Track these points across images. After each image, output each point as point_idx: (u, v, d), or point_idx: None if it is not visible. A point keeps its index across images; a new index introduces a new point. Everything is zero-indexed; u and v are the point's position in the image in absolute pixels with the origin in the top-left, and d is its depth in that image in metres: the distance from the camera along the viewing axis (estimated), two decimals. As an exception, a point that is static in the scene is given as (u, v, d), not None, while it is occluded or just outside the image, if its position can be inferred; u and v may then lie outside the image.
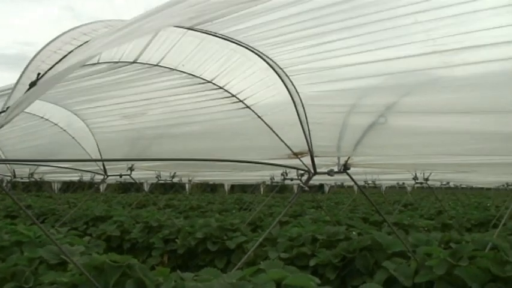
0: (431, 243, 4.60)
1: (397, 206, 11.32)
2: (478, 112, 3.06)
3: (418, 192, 18.66)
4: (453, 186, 13.44)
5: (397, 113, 3.25)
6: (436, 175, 8.41)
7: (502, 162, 4.98)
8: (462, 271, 3.60)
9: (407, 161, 5.02)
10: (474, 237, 5.21)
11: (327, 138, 3.58)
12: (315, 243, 4.72)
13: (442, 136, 3.54)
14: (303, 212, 10.15)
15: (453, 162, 5.09)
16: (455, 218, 9.25)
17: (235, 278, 2.71)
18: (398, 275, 3.74)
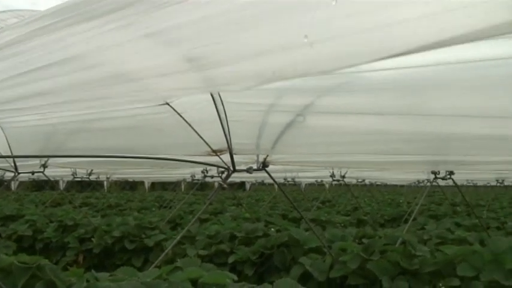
0: (347, 239, 4.77)
1: (315, 202, 11.60)
2: (390, 114, 3.22)
3: (336, 189, 19.21)
4: (368, 184, 13.96)
5: (315, 113, 3.33)
6: (352, 173, 8.70)
7: (410, 161, 5.23)
8: (374, 265, 3.75)
9: (324, 159, 5.17)
10: (386, 233, 5.46)
11: (246, 136, 3.61)
12: (234, 241, 4.75)
13: (357, 136, 3.68)
14: (223, 209, 10.19)
15: (367, 160, 5.29)
16: (370, 214, 9.63)
17: (151, 277, 2.68)
18: (313, 271, 3.85)
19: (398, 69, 2.61)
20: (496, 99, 2.82)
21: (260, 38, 1.53)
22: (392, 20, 1.27)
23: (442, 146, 4.28)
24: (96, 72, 2.09)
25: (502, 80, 2.59)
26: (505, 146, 3.79)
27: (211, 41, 1.60)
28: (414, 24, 1.27)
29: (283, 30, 1.46)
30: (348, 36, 1.41)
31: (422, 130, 3.50)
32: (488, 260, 3.73)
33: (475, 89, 2.76)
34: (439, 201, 13.42)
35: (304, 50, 1.48)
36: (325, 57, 1.58)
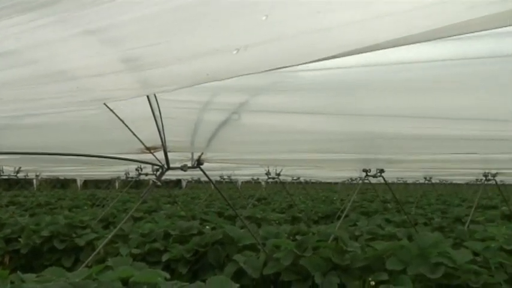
0: (281, 236, 4.83)
1: (251, 200, 11.67)
2: (323, 113, 3.28)
3: (272, 187, 19.41)
4: (304, 181, 14.18)
5: (250, 111, 3.35)
6: (287, 171, 8.81)
7: (343, 159, 5.35)
8: (306, 261, 3.82)
9: (259, 157, 5.21)
10: (320, 229, 5.57)
11: (180, 133, 3.58)
12: (168, 239, 4.71)
13: (291, 134, 3.73)
14: (158, 207, 10.07)
15: (302, 159, 5.37)
16: (304, 211, 9.80)
17: (80, 277, 2.60)
18: (247, 268, 3.87)
19: (331, 69, 2.65)
20: (422, 100, 2.93)
21: (195, 41, 1.53)
22: (324, 24, 1.30)
23: (373, 145, 4.41)
24: (29, 70, 2.00)
25: (427, 82, 2.69)
26: (432, 145, 3.95)
27: (148, 42, 1.58)
28: (344, 29, 1.30)
29: (218, 33, 1.46)
30: (280, 40, 1.43)
31: (354, 130, 3.59)
32: (415, 255, 3.88)
33: (403, 91, 2.85)
34: (371, 199, 13.84)
35: (238, 52, 1.49)
36: (257, 60, 1.59)
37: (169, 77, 1.87)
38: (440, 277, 3.58)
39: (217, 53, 1.57)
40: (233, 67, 1.66)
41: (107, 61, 1.79)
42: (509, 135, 3.20)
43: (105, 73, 1.89)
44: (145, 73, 1.83)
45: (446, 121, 3.14)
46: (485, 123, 3.07)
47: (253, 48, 1.46)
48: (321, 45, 1.43)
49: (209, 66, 1.70)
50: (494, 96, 2.75)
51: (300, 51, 1.50)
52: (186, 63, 1.70)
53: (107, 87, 2.08)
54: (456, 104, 2.92)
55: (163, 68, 1.77)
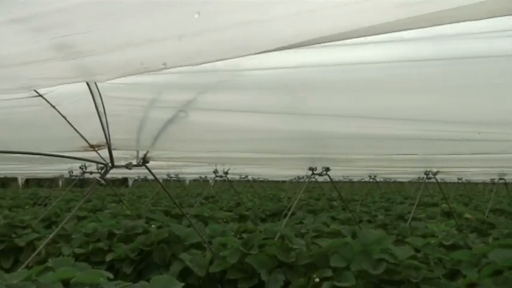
0: (227, 234, 4.83)
1: (199, 198, 11.61)
2: (270, 112, 3.31)
3: (220, 185, 19.36)
4: (251, 180, 14.23)
5: (197, 109, 3.33)
6: (235, 169, 8.82)
7: (290, 158, 5.42)
8: (252, 259, 3.84)
9: (206, 155, 5.20)
10: (266, 227, 5.60)
11: (126, 131, 3.52)
12: (112, 238, 4.63)
13: (238, 133, 3.74)
14: (103, 206, 9.87)
15: (249, 157, 5.40)
16: (251, 210, 9.84)
17: (19, 279, 2.52)
18: (193, 266, 3.86)
19: (279, 69, 2.68)
20: (367, 100, 2.99)
21: (130, 29, 1.50)
22: (258, 17, 1.30)
23: (319, 144, 4.48)
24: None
25: (372, 83, 2.75)
26: (376, 144, 4.05)
27: (81, 29, 1.54)
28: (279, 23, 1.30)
29: (153, 22, 1.44)
30: (216, 32, 1.42)
31: (301, 129, 3.64)
32: (358, 251, 3.97)
33: (349, 91, 2.91)
34: (317, 197, 14.03)
35: (173, 43, 1.48)
36: (193, 51, 1.58)
37: (103, 66, 1.84)
38: (382, 273, 3.68)
39: (152, 43, 1.55)
40: (168, 58, 1.64)
41: (37, 48, 1.74)
42: (449, 135, 3.32)
43: (34, 60, 1.84)
44: (76, 61, 1.78)
45: (390, 121, 3.23)
46: (428, 123, 3.17)
47: (189, 39, 1.44)
48: (256, 38, 1.44)
49: (143, 56, 1.68)
50: (436, 98, 2.84)
51: (236, 44, 1.50)
52: (119, 51, 1.67)
53: (37, 74, 2.02)
54: (400, 105, 3.00)
55: (96, 56, 1.73)
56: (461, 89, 2.67)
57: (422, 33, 2.00)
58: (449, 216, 8.40)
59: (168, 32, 1.46)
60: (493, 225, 7.51)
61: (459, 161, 5.74)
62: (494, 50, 2.18)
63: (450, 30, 1.99)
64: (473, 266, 4.01)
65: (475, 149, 3.75)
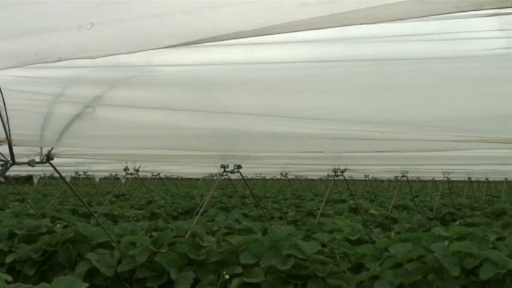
0: (137, 233, 4.74)
1: (109, 196, 11.30)
2: (183, 110, 3.28)
3: (132, 183, 18.96)
4: (164, 177, 14.06)
5: (105, 105, 3.24)
6: (147, 166, 8.67)
7: (202, 155, 5.41)
8: (162, 257, 3.80)
9: (115, 152, 5.07)
10: (178, 225, 5.57)
11: (29, 126, 3.36)
12: (13, 239, 4.40)
13: (149, 130, 3.68)
14: (5, 205, 9.36)
15: (160, 154, 5.33)
16: (163, 207, 9.71)
17: None
18: (101, 266, 3.75)
19: (191, 65, 2.66)
20: (278, 99, 3.05)
21: (22, 17, 1.42)
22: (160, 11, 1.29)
23: (231, 142, 4.51)
24: None
25: (283, 82, 2.80)
26: (286, 142, 4.14)
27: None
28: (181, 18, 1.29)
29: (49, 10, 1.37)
30: (116, 24, 1.38)
31: (213, 126, 3.64)
32: (268, 248, 4.04)
33: (260, 89, 2.95)
34: (230, 194, 14.11)
35: (70, 34, 1.42)
36: (92, 44, 1.53)
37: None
38: (291, 268, 3.77)
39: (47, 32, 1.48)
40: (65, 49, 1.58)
41: None
42: (354, 134, 3.45)
43: None
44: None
45: (299, 120, 3.30)
46: (334, 123, 3.28)
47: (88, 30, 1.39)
48: (158, 33, 1.42)
49: (38, 46, 1.60)
50: (343, 98, 2.95)
51: (138, 38, 1.47)
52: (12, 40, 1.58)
53: None
54: (309, 104, 3.09)
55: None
56: (366, 90, 2.78)
57: (334, 34, 2.07)
58: (356, 212, 8.74)
59: (66, 22, 1.39)
60: (396, 220, 7.91)
61: (364, 159, 6.00)
62: (401, 53, 2.30)
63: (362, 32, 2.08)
64: (376, 259, 4.21)
65: (378, 147, 3.93)
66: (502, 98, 2.67)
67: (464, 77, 2.47)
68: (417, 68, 2.43)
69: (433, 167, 8.46)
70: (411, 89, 2.65)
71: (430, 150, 4.24)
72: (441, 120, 3.03)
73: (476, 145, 3.44)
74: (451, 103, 2.80)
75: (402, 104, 2.85)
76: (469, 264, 3.66)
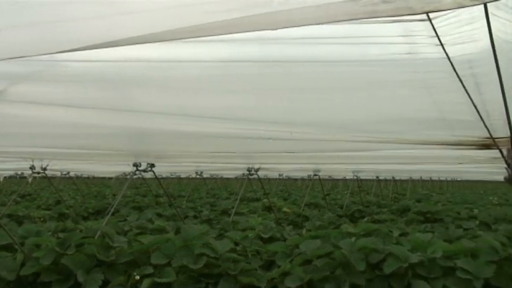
0: (43, 234, 4.55)
1: (13, 196, 10.74)
2: (93, 107, 3.19)
3: (40, 183, 18.14)
4: (74, 176, 13.57)
5: (7, 101, 3.08)
6: (56, 165, 8.33)
7: (114, 153, 5.28)
8: (68, 259, 3.67)
9: (21, 150, 4.84)
10: (87, 226, 5.39)
11: None
12: None
13: (58, 128, 3.55)
14: None
15: (68, 152, 5.15)
16: (73, 207, 9.37)
17: None
18: (1, 270, 3.57)
19: (100, 62, 2.59)
20: (190, 98, 3.03)
21: None
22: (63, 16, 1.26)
23: (143, 140, 4.44)
24: None
25: (195, 81, 2.79)
26: (198, 141, 4.13)
27: None
28: (88, 22, 1.27)
29: None
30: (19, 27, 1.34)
31: (124, 124, 3.57)
32: (179, 247, 4.01)
33: (172, 88, 2.92)
34: (144, 193, 13.87)
35: None
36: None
37: None
38: (203, 267, 3.77)
39: None
40: None
41: None
42: (265, 134, 3.51)
43: None
44: None
45: (211, 120, 3.31)
46: (246, 123, 3.31)
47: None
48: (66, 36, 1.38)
49: None
50: (255, 98, 2.99)
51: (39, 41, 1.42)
52: None
53: None
54: (222, 104, 3.10)
55: None
56: (276, 91, 2.84)
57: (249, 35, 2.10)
58: (269, 210, 8.87)
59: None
60: (308, 218, 8.12)
61: (277, 158, 6.11)
62: (310, 55, 2.36)
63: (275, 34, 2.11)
64: (287, 256, 4.30)
65: (289, 147, 4.03)
66: (404, 101, 2.82)
67: (368, 80, 2.58)
68: (325, 71, 2.51)
69: (344, 166, 8.76)
70: (319, 90, 2.73)
71: (337, 150, 4.40)
72: (347, 121, 3.15)
73: (378, 145, 3.61)
74: (356, 105, 2.92)
75: (310, 105, 2.93)
76: (374, 259, 3.83)
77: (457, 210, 8.98)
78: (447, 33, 1.97)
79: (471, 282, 3.46)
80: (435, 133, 3.07)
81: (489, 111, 2.56)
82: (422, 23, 1.90)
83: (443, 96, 2.51)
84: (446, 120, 2.81)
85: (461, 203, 11.38)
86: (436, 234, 5.35)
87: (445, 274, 3.67)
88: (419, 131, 3.19)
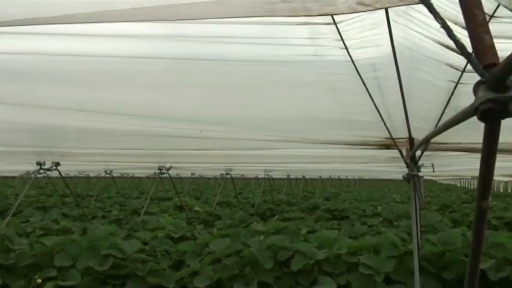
0: None
1: None
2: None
3: None
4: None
5: None
6: None
7: (15, 151, 5.03)
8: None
9: None
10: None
11: None
12: None
13: None
14: None
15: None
16: (-30, 208, 8.81)
17: None
18: None
19: (4, 54, 2.44)
20: (98, 93, 2.93)
21: None
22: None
23: (47, 137, 4.24)
24: None
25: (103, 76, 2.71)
26: (106, 139, 4.01)
27: None
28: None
29: None
30: None
31: (26, 120, 3.40)
32: (86, 248, 3.88)
33: (80, 83, 2.81)
34: (50, 193, 13.29)
35: None
36: None
37: None
38: (109, 268, 3.66)
39: None
40: None
41: None
42: (175, 132, 3.47)
43: None
44: None
45: (121, 116, 3.23)
46: (157, 120, 3.26)
47: None
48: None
49: None
50: (165, 95, 2.94)
51: None
52: None
53: None
54: (131, 101, 3.02)
55: None
56: (191, 89, 2.80)
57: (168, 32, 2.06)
58: (181, 209, 8.81)
59: None
60: (219, 217, 8.13)
61: (189, 157, 6.06)
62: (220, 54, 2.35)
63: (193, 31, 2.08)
64: (197, 255, 4.28)
65: (199, 145, 4.00)
66: (311, 102, 2.89)
67: (279, 80, 2.62)
68: (239, 70, 2.52)
69: (256, 165, 8.86)
70: (232, 89, 2.74)
71: (248, 149, 4.44)
72: (258, 120, 3.18)
73: (288, 144, 3.69)
74: (266, 105, 2.95)
75: (223, 103, 2.93)
76: (282, 257, 3.91)
77: (363, 208, 9.38)
78: (352, 37, 2.04)
79: (373, 277, 3.61)
80: (340, 133, 3.17)
81: (390, 112, 2.69)
82: (329, 26, 1.95)
83: (348, 97, 2.60)
84: (350, 121, 2.91)
85: (367, 201, 11.89)
86: (342, 231, 5.55)
87: (349, 270, 3.80)
88: (326, 131, 3.29)
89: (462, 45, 0.60)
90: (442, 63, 2.07)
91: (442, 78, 2.25)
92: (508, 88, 0.55)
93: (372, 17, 1.87)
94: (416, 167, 2.96)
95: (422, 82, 2.39)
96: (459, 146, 2.98)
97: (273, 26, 2.01)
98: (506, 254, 3.63)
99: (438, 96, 2.45)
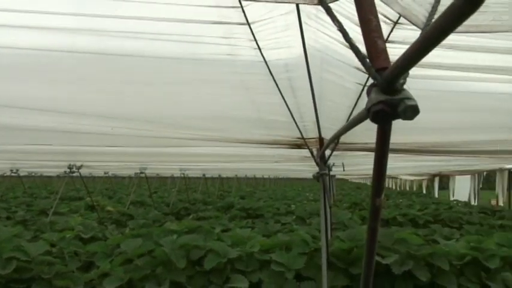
0: None
1: None
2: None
3: None
4: None
5: None
6: None
7: None
8: None
9: None
10: None
11: None
12: None
13: None
14: None
15: None
16: None
17: None
18: None
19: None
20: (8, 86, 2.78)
21: None
22: None
23: None
24: None
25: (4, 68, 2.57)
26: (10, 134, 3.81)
27: None
28: None
29: None
30: None
31: None
32: (-16, 251, 3.66)
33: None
34: None
35: None
36: None
37: None
38: (12, 272, 3.48)
39: None
40: None
41: None
42: (86, 129, 3.35)
43: None
44: None
45: (24, 111, 3.08)
46: (65, 116, 3.14)
47: None
48: None
49: None
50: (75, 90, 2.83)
51: None
52: None
53: None
54: (38, 95, 2.89)
55: None
56: (104, 84, 2.72)
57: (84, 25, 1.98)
58: (93, 209, 8.54)
59: None
60: (132, 216, 7.97)
61: (101, 155, 5.89)
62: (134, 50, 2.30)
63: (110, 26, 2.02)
64: (108, 256, 4.16)
65: (111, 142, 3.90)
66: (226, 100, 2.90)
67: (195, 78, 2.61)
68: (156, 66, 2.48)
69: (171, 164, 8.76)
70: (142, 85, 2.69)
71: (163, 146, 4.38)
72: (173, 117, 3.15)
73: (203, 142, 3.67)
74: (182, 102, 2.93)
75: (132, 99, 2.87)
76: (195, 256, 3.89)
77: (277, 206, 9.54)
78: (265, 38, 2.07)
79: (284, 274, 3.68)
80: (255, 132, 3.21)
81: (302, 113, 2.75)
82: (243, 26, 1.97)
83: (261, 97, 2.63)
84: (264, 120, 2.95)
85: (281, 199, 12.12)
86: (256, 230, 5.61)
87: (262, 267, 3.86)
88: (240, 129, 3.32)
89: (357, 49, 0.62)
90: (350, 66, 2.14)
91: (350, 80, 2.33)
92: (398, 90, 0.58)
93: (285, 18, 1.91)
94: (326, 166, 3.05)
95: (332, 84, 2.46)
96: (365, 146, 3.11)
97: (190, 24, 2.00)
98: (409, 249, 3.82)
99: (347, 98, 2.53)
